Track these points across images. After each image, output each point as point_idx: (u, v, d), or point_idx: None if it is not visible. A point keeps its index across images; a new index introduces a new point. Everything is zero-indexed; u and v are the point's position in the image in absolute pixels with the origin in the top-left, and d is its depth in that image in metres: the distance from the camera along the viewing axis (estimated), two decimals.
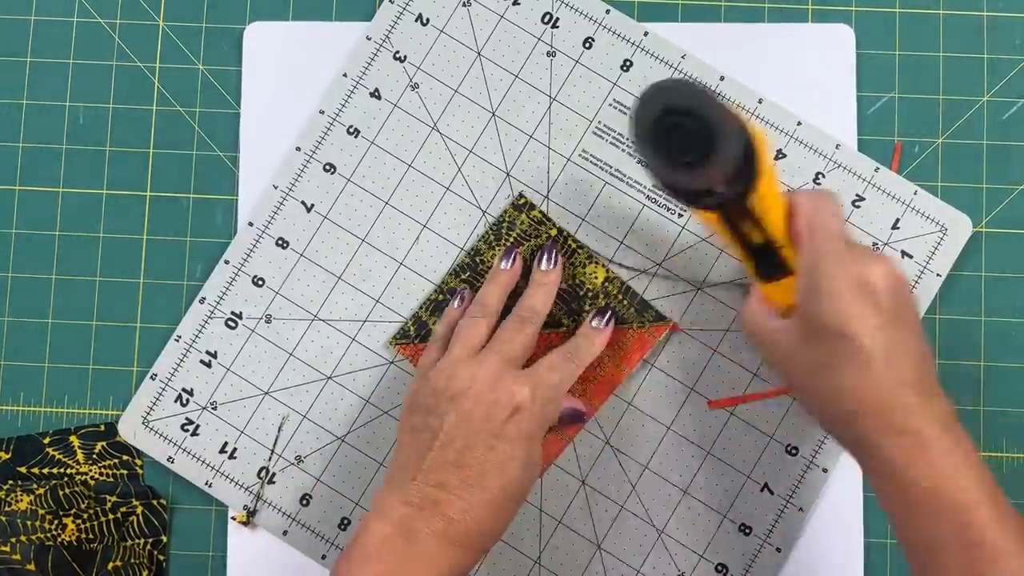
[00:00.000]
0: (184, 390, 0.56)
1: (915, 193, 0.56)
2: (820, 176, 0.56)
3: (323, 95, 0.57)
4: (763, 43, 0.57)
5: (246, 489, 0.55)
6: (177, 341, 0.56)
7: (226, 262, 0.56)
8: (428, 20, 0.57)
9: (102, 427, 0.56)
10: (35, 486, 0.54)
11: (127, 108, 0.58)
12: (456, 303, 0.54)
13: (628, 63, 0.57)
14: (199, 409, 0.55)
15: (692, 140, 0.44)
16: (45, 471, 0.56)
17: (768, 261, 0.47)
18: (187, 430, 0.55)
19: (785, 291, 0.47)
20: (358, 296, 0.56)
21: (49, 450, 0.56)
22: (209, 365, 0.56)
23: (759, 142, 0.44)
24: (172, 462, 0.55)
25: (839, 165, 0.56)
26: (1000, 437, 0.56)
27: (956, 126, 0.57)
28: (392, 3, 0.57)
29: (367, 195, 0.56)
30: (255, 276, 0.56)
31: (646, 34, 0.57)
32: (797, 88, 0.56)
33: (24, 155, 0.58)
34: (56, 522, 0.53)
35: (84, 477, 0.55)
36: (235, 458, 0.55)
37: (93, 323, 0.57)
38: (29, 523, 0.52)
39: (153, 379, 0.56)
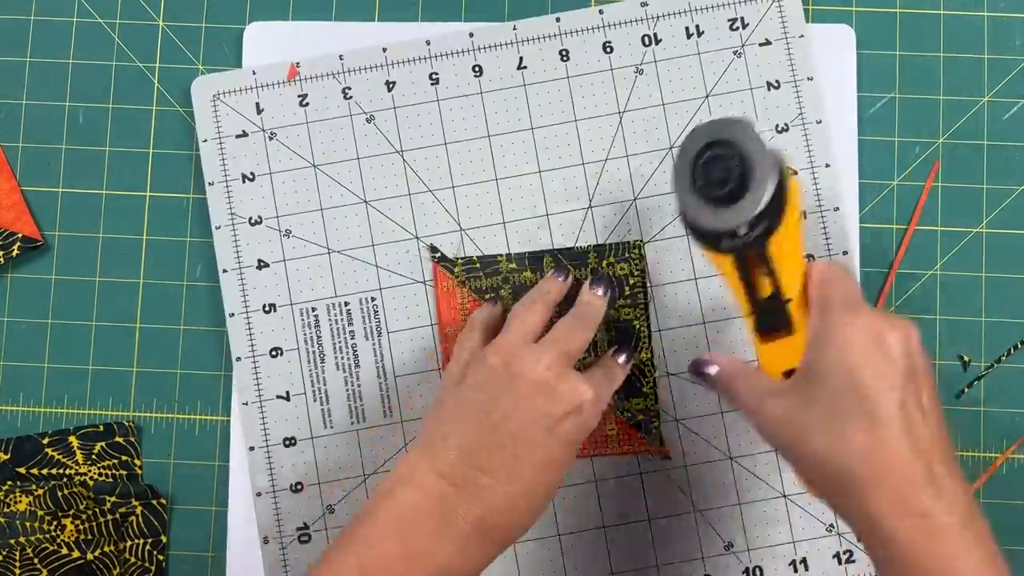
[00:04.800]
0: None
1: None
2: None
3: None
4: None
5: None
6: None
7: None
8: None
9: (101, 428, 0.56)
10: (34, 487, 0.54)
11: (127, 108, 0.58)
12: (489, 304, 0.53)
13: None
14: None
15: (728, 173, 0.44)
16: (44, 472, 0.55)
17: (772, 316, 0.45)
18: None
19: (784, 353, 0.45)
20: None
21: (48, 451, 0.56)
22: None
23: (792, 185, 0.44)
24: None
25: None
26: (1000, 437, 0.56)
27: (956, 126, 0.57)
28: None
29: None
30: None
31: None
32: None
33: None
34: (55, 523, 0.53)
35: (83, 478, 0.55)
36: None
37: (93, 323, 0.57)
38: (28, 524, 0.52)
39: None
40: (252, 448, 0.55)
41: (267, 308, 0.55)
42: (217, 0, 0.58)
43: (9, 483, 0.55)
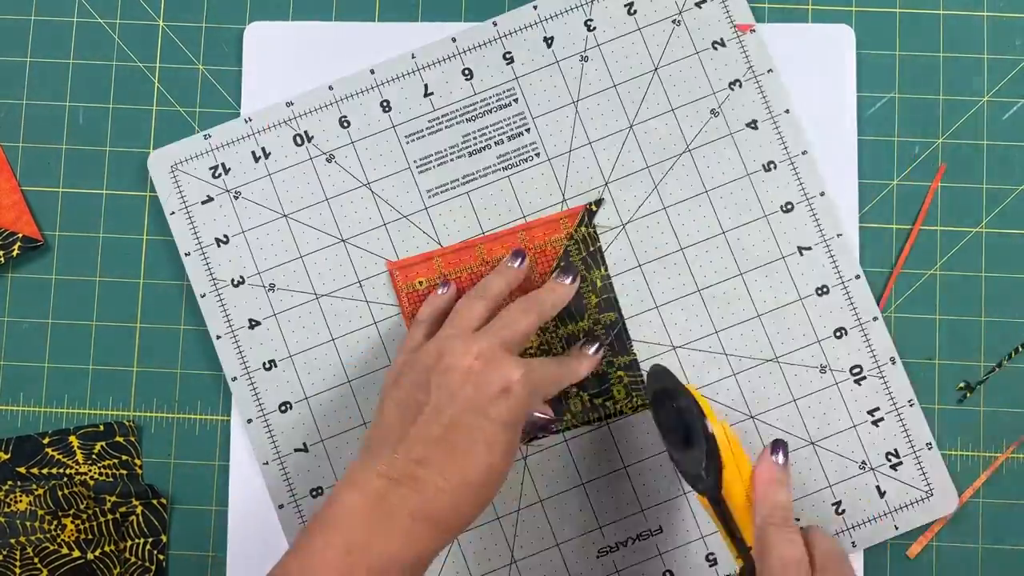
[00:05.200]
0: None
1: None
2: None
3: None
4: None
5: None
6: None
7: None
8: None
9: (101, 427, 0.56)
10: (34, 486, 0.54)
11: (127, 108, 0.58)
12: (442, 290, 0.53)
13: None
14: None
15: (678, 422, 0.48)
16: (44, 471, 0.55)
17: (748, 553, 0.46)
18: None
19: None
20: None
21: (48, 450, 0.56)
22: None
23: (718, 433, 0.46)
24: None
25: None
26: (1000, 437, 0.56)
27: (956, 126, 0.57)
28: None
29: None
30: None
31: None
32: (797, 88, 0.56)
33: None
34: (55, 522, 0.53)
35: (83, 477, 0.55)
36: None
37: (93, 323, 0.57)
38: (28, 524, 0.52)
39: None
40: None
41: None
42: (217, 0, 0.58)
43: (9, 483, 0.55)
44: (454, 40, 0.56)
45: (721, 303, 0.55)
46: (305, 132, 0.56)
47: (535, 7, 0.57)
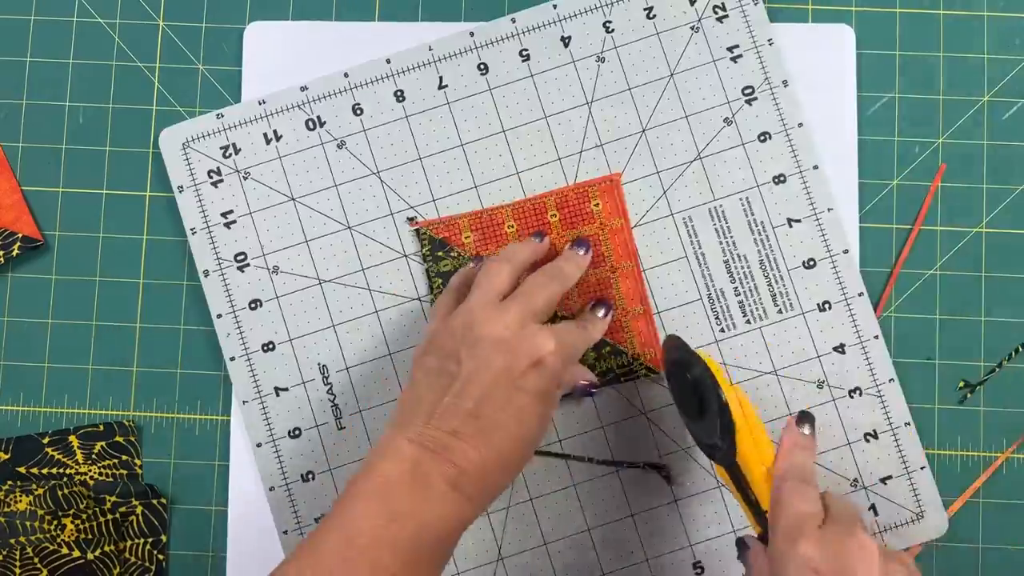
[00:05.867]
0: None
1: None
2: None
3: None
4: None
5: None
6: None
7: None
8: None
9: (101, 427, 0.56)
10: (34, 486, 0.54)
11: (127, 108, 0.58)
12: (475, 264, 0.53)
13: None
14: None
15: (693, 392, 0.47)
16: (44, 471, 0.55)
17: (765, 518, 0.46)
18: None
19: None
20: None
21: (48, 450, 0.56)
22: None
23: (732, 399, 0.46)
24: None
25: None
26: (1000, 437, 0.56)
27: (956, 126, 0.57)
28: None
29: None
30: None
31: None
32: (798, 89, 0.56)
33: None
34: (55, 522, 0.53)
35: (83, 477, 0.55)
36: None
37: (93, 323, 0.57)
38: (28, 524, 0.52)
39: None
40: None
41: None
42: (217, 0, 0.58)
43: (9, 483, 0.55)
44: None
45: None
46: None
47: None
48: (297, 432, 0.55)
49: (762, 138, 0.56)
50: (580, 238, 0.54)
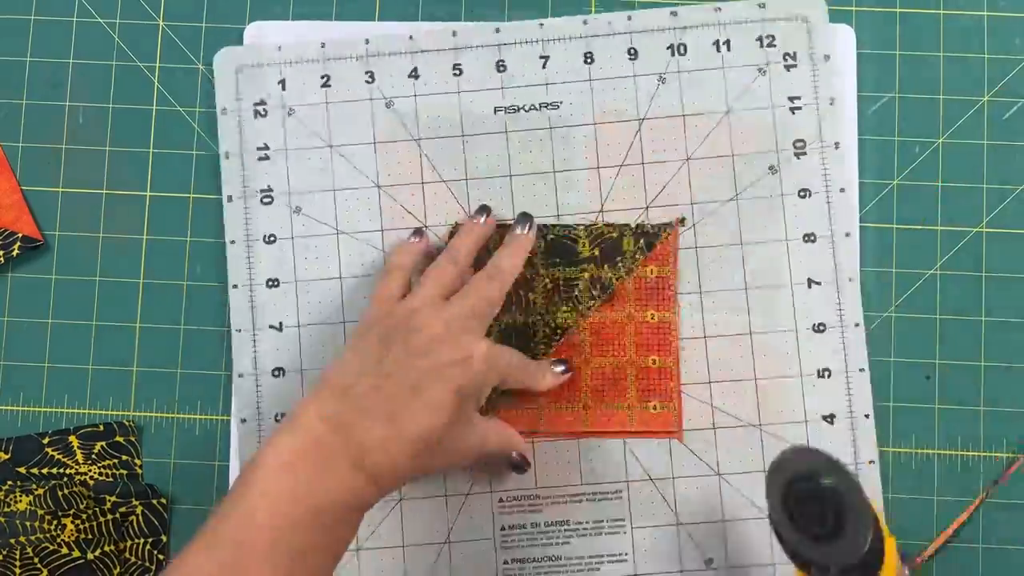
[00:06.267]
0: None
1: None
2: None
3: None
4: None
5: None
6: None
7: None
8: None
9: (101, 427, 0.56)
10: (34, 486, 0.54)
11: (127, 108, 0.58)
12: (413, 237, 0.54)
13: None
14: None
15: (822, 516, 0.42)
16: (44, 471, 0.55)
17: None
18: None
19: None
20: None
21: (48, 450, 0.56)
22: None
23: (889, 547, 0.42)
24: None
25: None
26: (1000, 437, 0.56)
27: (956, 126, 0.57)
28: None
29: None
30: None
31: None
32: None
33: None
34: (55, 522, 0.53)
35: (83, 477, 0.55)
36: None
37: (93, 323, 0.57)
38: (28, 524, 0.52)
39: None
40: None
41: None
42: (217, 0, 0.58)
43: (9, 483, 0.55)
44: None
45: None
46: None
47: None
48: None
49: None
50: (522, 215, 0.54)
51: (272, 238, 0.56)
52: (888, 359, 0.56)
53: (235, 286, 0.56)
